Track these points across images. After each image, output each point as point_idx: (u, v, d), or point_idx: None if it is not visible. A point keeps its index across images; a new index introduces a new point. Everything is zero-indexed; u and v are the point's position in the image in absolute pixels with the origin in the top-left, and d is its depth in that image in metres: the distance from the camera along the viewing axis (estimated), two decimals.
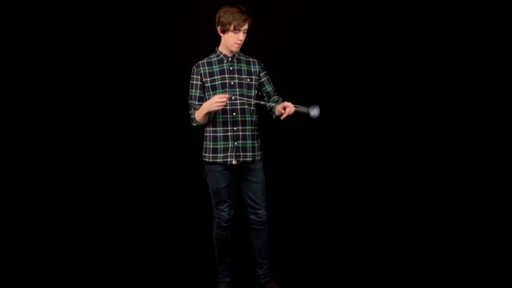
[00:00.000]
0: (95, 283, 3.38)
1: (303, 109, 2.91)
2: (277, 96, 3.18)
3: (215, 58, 3.04)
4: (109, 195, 4.41)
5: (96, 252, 3.83)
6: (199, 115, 2.97)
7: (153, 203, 4.44)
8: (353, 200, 4.36)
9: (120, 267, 3.62)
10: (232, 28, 2.89)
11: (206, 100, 2.98)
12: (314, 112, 2.87)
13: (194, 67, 3.04)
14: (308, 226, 4.25)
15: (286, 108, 2.89)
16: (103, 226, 4.24)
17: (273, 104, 3.10)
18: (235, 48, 2.97)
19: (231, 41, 2.94)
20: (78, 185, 4.35)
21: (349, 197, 4.37)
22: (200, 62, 3.04)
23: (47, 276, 3.45)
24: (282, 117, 2.93)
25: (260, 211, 3.10)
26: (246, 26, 2.92)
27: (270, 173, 3.36)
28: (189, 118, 3.10)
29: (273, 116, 3.13)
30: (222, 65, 3.02)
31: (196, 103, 3.02)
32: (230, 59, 3.03)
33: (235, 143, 3.00)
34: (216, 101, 2.83)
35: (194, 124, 3.06)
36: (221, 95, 2.85)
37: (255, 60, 3.12)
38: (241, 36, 2.93)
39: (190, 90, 3.05)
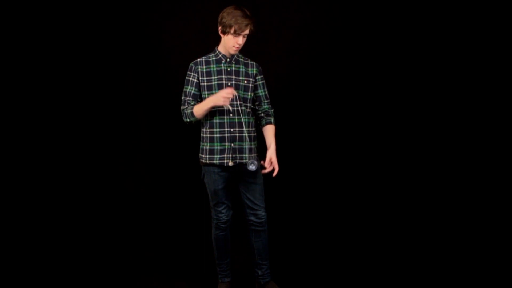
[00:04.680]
0: (95, 283, 3.38)
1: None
2: (268, 106, 3.11)
3: (214, 58, 3.01)
4: (109, 195, 4.42)
5: (96, 252, 3.83)
6: (200, 109, 2.90)
7: (153, 204, 4.45)
8: (352, 201, 4.36)
9: (120, 267, 3.62)
10: (232, 31, 2.84)
11: (200, 99, 2.98)
12: (251, 167, 2.92)
13: (191, 64, 3.01)
14: (307, 227, 4.25)
15: (271, 163, 2.96)
16: (103, 226, 4.25)
17: (263, 116, 3.09)
18: (233, 51, 2.93)
19: (230, 43, 2.90)
20: (78, 186, 4.36)
21: (348, 198, 4.37)
22: (198, 60, 3.01)
23: (47, 276, 3.45)
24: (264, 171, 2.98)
25: (259, 212, 3.08)
26: (247, 31, 2.87)
27: (268, 174, 3.35)
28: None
29: (260, 127, 3.13)
30: (220, 65, 2.99)
31: (191, 99, 2.98)
32: (228, 60, 3.00)
33: (232, 144, 2.98)
34: (223, 96, 2.79)
35: (187, 120, 2.97)
36: (228, 90, 2.80)
37: (254, 62, 3.07)
38: (240, 41, 2.88)
39: (185, 86, 3.01)
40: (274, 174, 3.00)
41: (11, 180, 4.19)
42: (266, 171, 2.97)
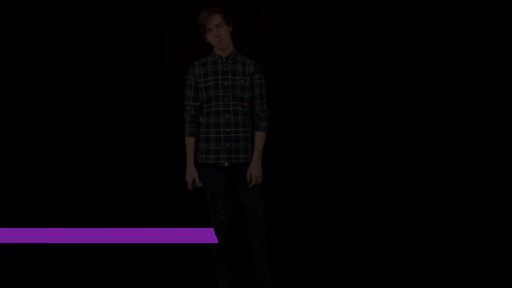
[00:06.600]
0: (95, 283, 3.38)
1: None
2: (261, 107, 3.05)
3: (211, 59, 3.02)
4: (109, 195, 4.41)
5: (97, 252, 3.83)
6: (186, 148, 3.08)
7: (153, 204, 4.44)
8: (352, 200, 4.35)
9: (120, 267, 3.62)
10: (204, 30, 2.91)
11: (199, 100, 3.01)
12: None
13: (190, 68, 3.04)
14: (307, 227, 4.24)
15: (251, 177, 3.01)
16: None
17: (255, 120, 3.07)
18: (219, 45, 2.94)
19: (212, 41, 2.94)
20: (78, 186, 4.35)
21: (348, 197, 4.36)
22: (196, 62, 3.03)
23: (48, 276, 3.45)
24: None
25: (257, 212, 3.07)
26: (214, 22, 2.88)
27: (268, 174, 3.35)
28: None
29: None
30: (216, 66, 3.00)
31: (191, 103, 3.01)
32: (224, 60, 3.00)
33: (227, 144, 2.97)
34: (186, 181, 2.99)
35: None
36: (189, 183, 3.00)
37: (252, 61, 3.05)
38: (215, 33, 2.89)
39: (185, 90, 3.04)
40: (250, 185, 3.02)
41: (11, 180, 4.19)
42: (250, 185, 3.01)
